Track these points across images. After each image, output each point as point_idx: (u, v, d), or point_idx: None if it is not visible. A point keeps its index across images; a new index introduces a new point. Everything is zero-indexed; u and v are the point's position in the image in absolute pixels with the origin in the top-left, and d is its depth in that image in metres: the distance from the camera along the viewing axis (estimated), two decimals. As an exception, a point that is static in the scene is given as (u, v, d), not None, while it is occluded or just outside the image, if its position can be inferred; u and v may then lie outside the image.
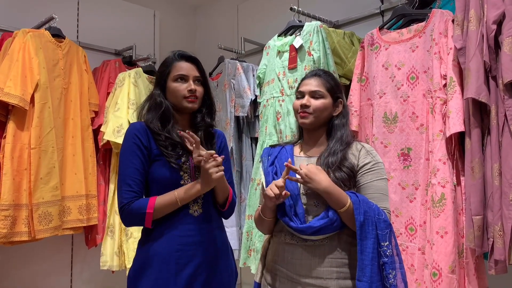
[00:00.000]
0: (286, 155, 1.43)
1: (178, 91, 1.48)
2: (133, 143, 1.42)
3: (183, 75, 1.49)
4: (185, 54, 1.53)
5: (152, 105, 1.50)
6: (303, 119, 1.40)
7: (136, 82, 2.64)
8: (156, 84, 1.54)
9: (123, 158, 1.43)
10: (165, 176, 1.43)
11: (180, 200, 1.40)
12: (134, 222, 1.42)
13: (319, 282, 1.28)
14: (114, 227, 2.58)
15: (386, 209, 1.30)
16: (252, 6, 3.39)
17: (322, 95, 1.39)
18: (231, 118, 2.64)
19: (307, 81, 1.44)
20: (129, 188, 1.39)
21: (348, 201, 1.24)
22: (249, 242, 2.39)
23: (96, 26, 3.10)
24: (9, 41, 2.34)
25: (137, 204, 1.38)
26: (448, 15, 1.79)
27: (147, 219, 1.37)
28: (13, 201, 2.17)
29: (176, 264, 1.39)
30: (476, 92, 1.56)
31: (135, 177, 1.40)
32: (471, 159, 1.61)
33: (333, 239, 1.30)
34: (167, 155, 1.43)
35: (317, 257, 1.29)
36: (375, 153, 1.38)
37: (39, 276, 2.75)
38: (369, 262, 1.19)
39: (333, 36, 2.20)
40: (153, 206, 1.37)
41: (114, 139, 2.47)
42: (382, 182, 1.33)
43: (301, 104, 1.40)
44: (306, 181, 1.27)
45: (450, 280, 1.60)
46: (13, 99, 2.18)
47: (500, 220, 1.50)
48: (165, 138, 1.45)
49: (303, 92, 1.42)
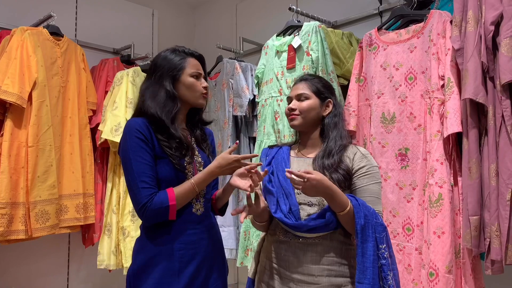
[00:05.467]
0: (283, 156, 1.47)
1: (197, 87, 1.48)
2: (139, 138, 1.36)
3: (199, 72, 1.50)
4: (195, 52, 1.55)
5: (164, 98, 1.43)
6: (292, 121, 1.47)
7: (134, 81, 2.63)
8: (165, 77, 1.45)
9: (132, 155, 1.35)
10: (170, 175, 1.40)
11: (197, 184, 1.38)
12: (157, 218, 1.36)
13: (311, 279, 1.30)
14: (111, 226, 2.58)
15: (380, 213, 1.34)
16: (251, 6, 3.39)
17: (307, 97, 1.46)
18: (229, 118, 2.64)
19: (294, 87, 1.52)
20: (146, 185, 1.33)
21: (348, 205, 1.26)
22: (246, 242, 2.39)
23: (94, 24, 3.09)
24: (7, 39, 2.33)
25: (158, 199, 1.33)
26: (446, 16, 1.79)
27: (171, 211, 1.34)
28: (10, 199, 2.17)
29: (179, 262, 1.39)
30: (473, 92, 1.57)
31: (149, 173, 1.35)
32: (469, 160, 1.61)
33: (325, 238, 1.33)
34: (170, 155, 1.39)
35: (310, 255, 1.32)
36: (370, 157, 1.41)
37: (36, 274, 2.74)
38: (370, 264, 1.21)
39: (332, 36, 2.20)
40: (174, 197, 1.34)
41: (112, 138, 2.47)
42: (377, 186, 1.37)
43: (287, 108, 1.48)
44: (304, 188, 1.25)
45: (447, 280, 1.60)
46: (10, 97, 2.17)
47: (497, 221, 1.51)
48: (169, 136, 1.41)
49: (291, 97, 1.50)
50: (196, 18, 4.01)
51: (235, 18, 3.52)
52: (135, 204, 1.35)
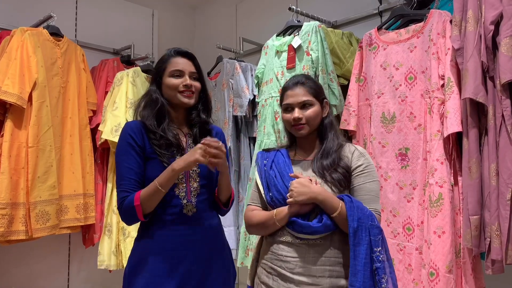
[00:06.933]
0: (283, 159, 1.46)
1: (173, 85, 1.48)
2: (127, 142, 1.43)
3: (179, 70, 1.49)
4: (181, 50, 1.54)
5: (148, 101, 1.50)
6: (300, 131, 1.42)
7: (134, 81, 2.64)
8: (153, 81, 1.55)
9: (118, 158, 1.44)
10: (158, 175, 1.41)
11: (160, 184, 1.36)
12: (130, 219, 1.41)
13: (312, 280, 1.29)
14: (111, 226, 2.58)
15: (376, 211, 1.33)
16: (251, 6, 3.39)
17: (310, 103, 1.42)
18: (229, 118, 2.64)
19: (291, 92, 1.44)
20: (123, 188, 1.40)
21: (339, 206, 1.27)
22: (247, 242, 2.39)
23: (94, 25, 3.09)
24: (7, 39, 2.34)
25: (127, 201, 1.38)
26: (446, 15, 1.79)
27: (137, 212, 1.37)
28: (11, 200, 2.17)
29: (170, 263, 1.40)
30: (473, 92, 1.57)
31: (129, 177, 1.40)
32: (469, 159, 1.61)
33: (326, 239, 1.32)
34: (160, 154, 1.43)
35: (311, 256, 1.31)
36: (367, 155, 1.41)
37: (36, 275, 2.74)
38: (361, 267, 1.22)
39: (332, 36, 2.20)
40: (138, 198, 1.37)
41: (112, 138, 2.47)
42: (374, 184, 1.36)
43: (293, 118, 1.41)
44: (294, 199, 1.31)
45: (447, 280, 1.60)
46: (11, 98, 2.17)
47: (497, 220, 1.51)
48: (160, 137, 1.45)
49: (292, 104, 1.43)
50: (196, 18, 4.01)
51: (235, 18, 3.52)
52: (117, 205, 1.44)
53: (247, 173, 2.58)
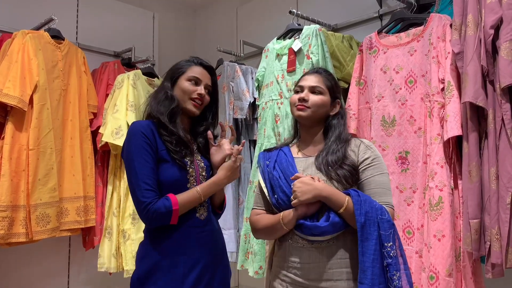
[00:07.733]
0: (285, 158, 1.41)
1: (188, 90, 1.49)
2: (143, 141, 1.38)
3: (197, 78, 1.51)
4: (204, 62, 1.57)
5: (163, 97, 1.48)
6: (300, 111, 1.39)
7: (135, 84, 2.64)
8: (168, 79, 1.54)
9: (135, 156, 1.37)
10: (174, 177, 1.41)
11: (203, 195, 1.42)
12: (160, 221, 1.36)
13: (329, 284, 1.25)
14: (111, 229, 2.58)
15: (389, 204, 1.28)
16: (251, 9, 3.40)
17: (321, 91, 1.40)
18: (229, 121, 2.64)
19: (307, 77, 1.45)
20: (149, 187, 1.35)
21: (345, 201, 1.22)
22: (247, 245, 2.39)
23: (95, 27, 3.10)
24: (8, 42, 2.34)
25: (161, 203, 1.35)
26: (446, 19, 1.80)
27: (174, 216, 1.35)
28: (11, 202, 2.17)
29: (184, 268, 1.39)
30: (473, 96, 1.57)
31: (152, 176, 1.37)
32: (469, 163, 1.61)
33: (338, 239, 1.27)
34: (172, 151, 1.41)
35: (326, 259, 1.26)
36: (374, 148, 1.37)
37: (36, 277, 2.74)
38: (370, 264, 1.17)
39: (332, 40, 2.20)
40: (177, 202, 1.36)
41: (113, 141, 2.47)
42: (383, 176, 1.32)
43: (299, 98, 1.40)
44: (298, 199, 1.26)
45: (447, 284, 1.60)
46: (12, 100, 2.18)
47: (497, 224, 1.51)
48: (171, 132, 1.44)
49: (303, 86, 1.42)
50: (197, 21, 4.02)
51: (236, 21, 3.53)
52: (137, 205, 1.36)
53: (248, 175, 2.58)
